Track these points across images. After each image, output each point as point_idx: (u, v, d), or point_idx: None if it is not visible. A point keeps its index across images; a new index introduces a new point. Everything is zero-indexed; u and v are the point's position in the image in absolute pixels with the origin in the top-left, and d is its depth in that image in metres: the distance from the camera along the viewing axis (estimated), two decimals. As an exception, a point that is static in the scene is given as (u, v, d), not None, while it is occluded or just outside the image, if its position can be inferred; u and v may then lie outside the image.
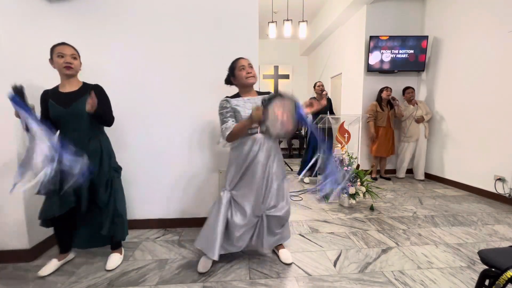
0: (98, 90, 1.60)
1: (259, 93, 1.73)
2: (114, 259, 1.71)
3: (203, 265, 1.65)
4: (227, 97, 1.66)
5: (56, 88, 1.60)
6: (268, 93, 1.70)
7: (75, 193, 1.53)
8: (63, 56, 1.50)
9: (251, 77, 1.61)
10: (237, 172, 1.64)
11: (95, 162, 1.57)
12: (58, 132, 1.58)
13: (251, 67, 1.64)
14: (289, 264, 1.71)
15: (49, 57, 1.55)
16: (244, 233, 1.65)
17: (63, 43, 1.54)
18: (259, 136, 1.60)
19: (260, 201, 1.63)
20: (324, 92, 3.63)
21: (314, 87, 3.69)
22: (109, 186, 1.63)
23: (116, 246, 1.78)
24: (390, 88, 3.84)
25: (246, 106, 1.60)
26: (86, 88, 1.59)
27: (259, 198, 1.62)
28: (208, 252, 1.60)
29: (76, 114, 1.53)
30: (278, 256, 1.79)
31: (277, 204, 1.66)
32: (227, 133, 1.54)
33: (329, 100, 3.73)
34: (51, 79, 1.97)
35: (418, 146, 3.97)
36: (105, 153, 1.64)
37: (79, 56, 1.60)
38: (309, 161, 3.74)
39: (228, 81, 1.75)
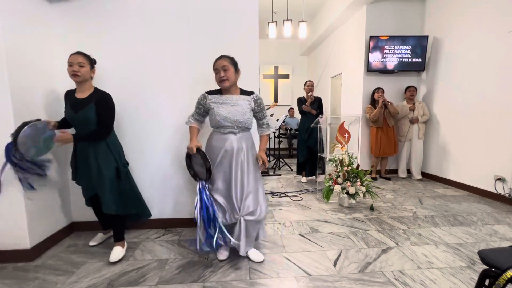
0: (100, 101, 1.69)
1: (243, 92, 1.74)
2: (116, 252, 1.77)
3: (222, 253, 1.78)
4: (207, 91, 1.72)
5: (74, 91, 1.73)
6: (251, 93, 1.74)
7: (89, 188, 1.80)
8: (71, 65, 1.62)
9: (223, 81, 1.63)
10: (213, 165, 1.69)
11: (108, 161, 1.73)
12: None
13: (226, 69, 1.61)
14: (261, 262, 1.73)
15: (48, 56, 1.57)
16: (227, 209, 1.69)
17: (76, 53, 1.65)
18: (231, 136, 1.66)
19: (233, 199, 1.65)
20: (309, 93, 3.62)
21: (304, 85, 3.69)
22: (125, 176, 1.84)
23: (118, 238, 1.83)
24: (382, 89, 3.84)
25: (222, 105, 1.64)
26: (94, 96, 1.70)
27: (232, 195, 1.66)
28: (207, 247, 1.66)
29: (83, 120, 1.67)
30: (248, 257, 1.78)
31: (255, 209, 1.68)
32: (188, 124, 1.77)
33: (318, 100, 3.73)
34: (51, 79, 1.98)
35: (412, 146, 3.98)
36: (115, 152, 1.78)
37: (91, 64, 1.69)
38: (300, 161, 3.78)
39: None
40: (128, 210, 1.84)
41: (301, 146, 3.75)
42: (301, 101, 3.68)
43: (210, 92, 1.72)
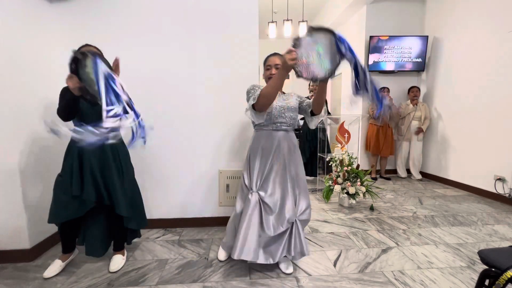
0: None
1: (283, 93, 1.68)
2: (117, 261, 1.69)
3: (222, 254, 1.75)
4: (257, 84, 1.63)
5: None
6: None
7: (96, 191, 1.54)
8: None
9: None
10: (263, 167, 1.56)
11: (130, 164, 1.71)
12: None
13: (278, 68, 1.47)
14: (289, 274, 1.61)
15: (48, 56, 1.55)
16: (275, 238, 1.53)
17: (84, 45, 1.53)
18: (280, 133, 1.56)
19: (288, 203, 1.54)
20: (311, 94, 3.65)
21: (309, 85, 3.71)
22: (132, 180, 1.76)
23: (118, 247, 1.75)
24: (387, 89, 3.85)
25: (277, 98, 1.56)
26: None
27: (288, 199, 1.54)
28: (250, 257, 1.46)
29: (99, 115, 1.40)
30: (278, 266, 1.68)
31: (306, 206, 1.61)
32: (257, 94, 1.39)
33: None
34: (51, 79, 1.98)
35: (412, 147, 3.99)
36: (123, 153, 1.70)
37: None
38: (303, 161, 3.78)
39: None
40: (135, 217, 1.72)
41: (304, 146, 3.74)
42: None
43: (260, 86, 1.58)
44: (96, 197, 1.54)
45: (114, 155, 1.63)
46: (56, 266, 1.62)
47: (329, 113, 3.78)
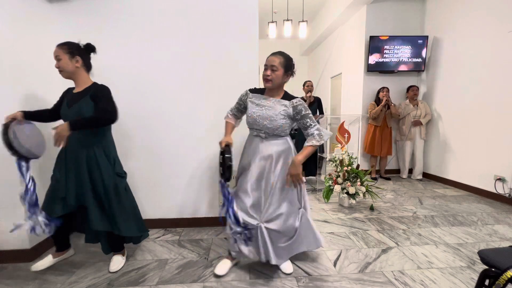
0: (96, 92, 1.49)
1: (286, 96, 1.54)
2: (117, 261, 1.68)
3: (222, 267, 1.62)
4: (250, 89, 1.63)
5: (74, 88, 1.58)
6: (293, 97, 1.52)
7: (77, 199, 1.52)
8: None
9: (267, 80, 1.48)
10: (243, 162, 1.64)
11: (104, 169, 1.53)
12: None
13: (274, 70, 1.46)
14: (289, 274, 1.61)
15: (47, 56, 1.56)
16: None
17: (56, 46, 1.47)
18: (257, 139, 1.58)
19: (258, 203, 1.55)
20: (308, 94, 3.63)
21: (304, 86, 3.69)
22: (113, 191, 1.56)
23: (118, 248, 1.72)
24: (387, 88, 3.85)
25: (257, 106, 1.53)
26: (89, 90, 1.51)
27: (258, 199, 1.56)
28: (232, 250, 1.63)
29: (76, 114, 1.46)
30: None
31: (276, 214, 1.53)
32: (225, 119, 1.70)
33: (317, 100, 3.74)
34: (50, 79, 1.98)
35: (414, 146, 3.99)
36: (103, 161, 1.54)
37: (69, 54, 1.46)
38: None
39: None
40: (124, 230, 1.58)
41: (301, 146, 3.73)
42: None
43: (253, 90, 1.61)
44: (76, 202, 1.52)
45: (91, 166, 1.52)
46: (46, 261, 1.61)
47: (322, 113, 3.75)
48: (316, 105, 3.68)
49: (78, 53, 1.50)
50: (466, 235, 2.12)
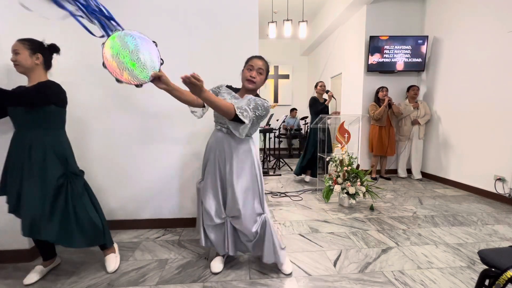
0: (40, 83, 1.44)
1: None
2: (111, 260, 1.67)
3: (216, 265, 1.65)
4: (228, 85, 1.61)
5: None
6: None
7: (17, 198, 1.43)
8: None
9: (251, 82, 1.47)
10: (204, 160, 1.63)
11: (50, 165, 1.42)
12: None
13: (260, 73, 1.48)
14: (289, 274, 1.61)
15: (47, 56, 1.56)
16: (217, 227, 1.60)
17: (17, 40, 1.43)
18: (219, 134, 1.54)
19: (219, 200, 1.55)
20: (329, 93, 3.65)
21: (316, 86, 3.68)
22: (63, 193, 1.46)
23: (105, 246, 1.69)
24: (386, 88, 3.86)
25: (225, 99, 1.50)
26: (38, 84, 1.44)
27: (217, 196, 1.56)
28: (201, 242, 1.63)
29: (20, 113, 1.41)
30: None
31: (239, 216, 1.52)
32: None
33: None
34: (52, 78, 1.97)
35: (413, 146, 3.99)
36: (51, 159, 1.43)
37: (31, 50, 1.45)
38: (305, 160, 3.74)
39: None
40: (76, 242, 1.47)
41: (313, 145, 3.65)
42: (316, 101, 3.63)
43: (229, 87, 1.60)
44: (14, 204, 1.44)
45: (33, 158, 1.39)
46: (35, 272, 1.55)
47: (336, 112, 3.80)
48: (335, 103, 3.72)
49: (40, 51, 1.49)
50: (466, 235, 2.12)
